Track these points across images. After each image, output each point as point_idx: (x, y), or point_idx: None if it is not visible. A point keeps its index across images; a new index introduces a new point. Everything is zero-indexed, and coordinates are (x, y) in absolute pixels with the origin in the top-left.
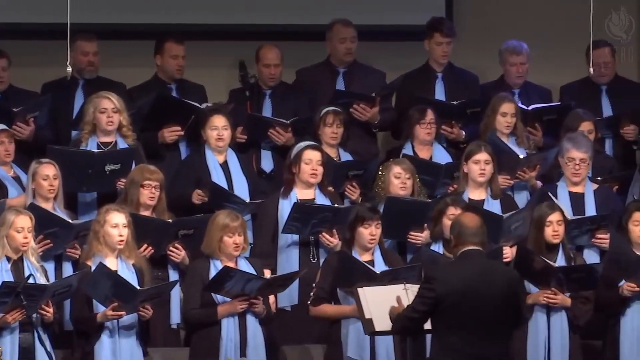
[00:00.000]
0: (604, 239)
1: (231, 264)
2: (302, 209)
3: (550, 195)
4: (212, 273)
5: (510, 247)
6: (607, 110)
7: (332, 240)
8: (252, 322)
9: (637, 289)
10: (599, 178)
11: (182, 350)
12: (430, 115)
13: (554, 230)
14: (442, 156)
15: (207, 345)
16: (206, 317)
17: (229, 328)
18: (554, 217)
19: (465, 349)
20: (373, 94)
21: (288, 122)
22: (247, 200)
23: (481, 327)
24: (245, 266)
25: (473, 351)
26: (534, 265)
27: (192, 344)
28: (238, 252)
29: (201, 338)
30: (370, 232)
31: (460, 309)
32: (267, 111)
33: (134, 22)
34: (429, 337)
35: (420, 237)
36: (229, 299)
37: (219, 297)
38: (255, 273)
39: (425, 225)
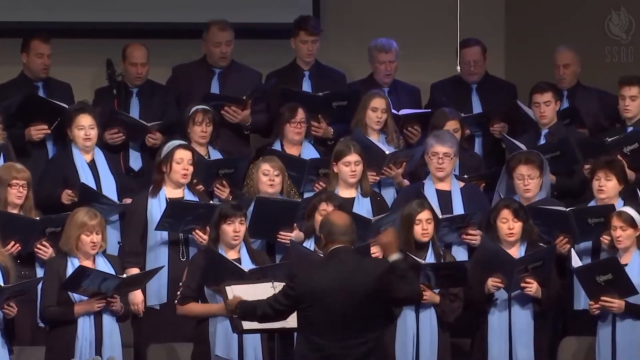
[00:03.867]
0: (474, 235)
1: (89, 262)
2: (176, 206)
3: (425, 194)
4: (69, 271)
5: None
6: (477, 109)
7: (205, 237)
8: (108, 321)
9: (501, 284)
10: (465, 176)
11: None
12: (301, 114)
13: (423, 228)
14: (311, 155)
15: (63, 343)
16: (63, 315)
17: (84, 327)
18: (423, 215)
19: (330, 346)
20: (244, 97)
21: (149, 124)
22: (116, 200)
23: (347, 325)
24: (103, 264)
25: (338, 348)
26: None
27: (48, 342)
28: (95, 250)
29: (57, 336)
30: (233, 228)
31: (324, 308)
32: (134, 109)
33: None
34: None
35: (289, 236)
36: (86, 297)
37: (75, 296)
38: (112, 271)
39: (295, 224)
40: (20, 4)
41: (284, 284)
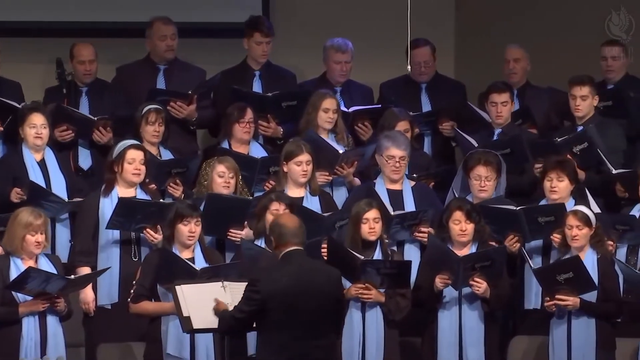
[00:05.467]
0: (425, 233)
1: (31, 262)
2: (126, 204)
3: (377, 192)
4: (12, 271)
5: None
6: (426, 108)
7: (156, 236)
8: (52, 321)
9: (448, 281)
10: (414, 175)
11: None
12: (249, 114)
13: (370, 227)
14: (259, 155)
15: (7, 344)
16: (7, 315)
17: (29, 327)
18: (371, 214)
19: (291, 348)
20: (189, 92)
21: (96, 118)
22: (65, 198)
23: (307, 325)
24: (45, 264)
25: (299, 349)
26: (344, 258)
27: None
28: (39, 250)
29: (1, 337)
30: (189, 229)
31: (286, 308)
32: (84, 108)
33: None
34: (251, 335)
35: (240, 234)
36: (30, 297)
37: (20, 295)
38: (55, 272)
39: (246, 222)
40: None
41: (245, 288)
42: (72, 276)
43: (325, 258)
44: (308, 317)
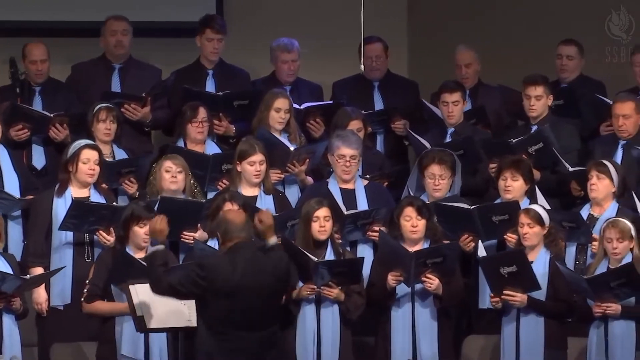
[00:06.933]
0: (378, 231)
1: None
2: (80, 206)
3: (330, 191)
4: None
5: None
6: (379, 107)
7: (109, 238)
8: (8, 320)
9: (400, 278)
10: (367, 175)
11: None
12: (202, 113)
13: (320, 226)
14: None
15: None
16: None
17: None
18: (321, 212)
19: (230, 339)
20: (143, 94)
21: (52, 115)
22: (18, 196)
23: (252, 317)
24: (0, 263)
25: (238, 340)
26: (298, 259)
27: None
28: None
29: None
30: (145, 231)
31: (231, 300)
32: (37, 107)
33: None
34: None
35: (193, 236)
36: None
37: None
38: (10, 270)
39: (199, 224)
40: None
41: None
42: (28, 276)
43: None
44: (254, 309)
